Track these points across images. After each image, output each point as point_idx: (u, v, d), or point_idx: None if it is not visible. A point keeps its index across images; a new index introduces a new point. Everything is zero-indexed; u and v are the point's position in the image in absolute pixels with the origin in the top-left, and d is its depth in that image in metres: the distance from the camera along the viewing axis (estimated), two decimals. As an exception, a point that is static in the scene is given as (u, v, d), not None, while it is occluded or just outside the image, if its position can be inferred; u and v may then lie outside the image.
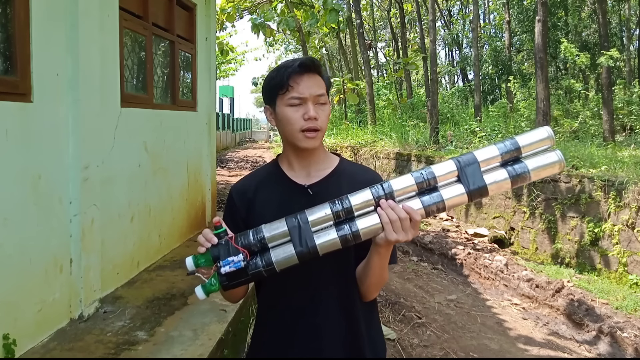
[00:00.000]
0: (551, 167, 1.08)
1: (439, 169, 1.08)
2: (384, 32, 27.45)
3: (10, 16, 2.46)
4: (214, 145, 5.79)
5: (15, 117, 2.45)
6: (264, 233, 1.07)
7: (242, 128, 35.09)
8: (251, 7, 15.06)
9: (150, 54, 4.19)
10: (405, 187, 1.09)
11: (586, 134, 9.55)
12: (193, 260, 1.08)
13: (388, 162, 10.13)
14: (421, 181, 1.08)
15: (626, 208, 5.02)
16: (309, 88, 1.20)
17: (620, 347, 3.82)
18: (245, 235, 1.08)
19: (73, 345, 2.59)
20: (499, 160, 1.08)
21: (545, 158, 1.08)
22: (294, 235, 1.06)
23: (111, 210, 3.38)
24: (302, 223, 1.06)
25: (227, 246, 1.06)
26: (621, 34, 15.54)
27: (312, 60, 1.24)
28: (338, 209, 1.08)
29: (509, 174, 1.07)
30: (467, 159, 1.08)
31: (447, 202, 1.07)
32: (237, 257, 1.03)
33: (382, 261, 1.17)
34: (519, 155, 1.08)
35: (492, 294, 5.11)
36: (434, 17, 11.38)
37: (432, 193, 1.08)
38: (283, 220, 1.08)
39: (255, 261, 1.06)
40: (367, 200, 1.08)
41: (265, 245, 1.07)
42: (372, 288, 1.25)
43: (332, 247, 1.08)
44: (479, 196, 1.08)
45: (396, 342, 3.71)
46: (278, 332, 1.27)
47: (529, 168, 1.07)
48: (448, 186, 1.09)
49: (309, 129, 1.20)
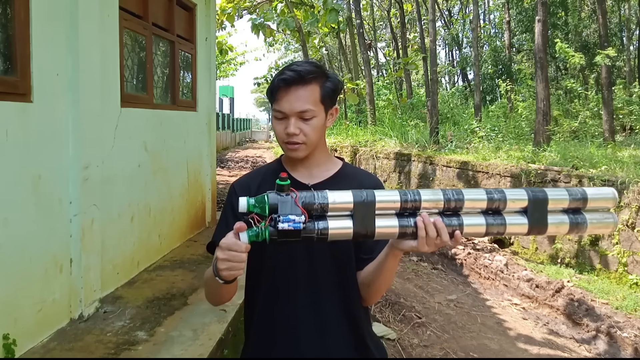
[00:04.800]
0: (605, 227, 1.12)
1: (511, 195, 1.08)
2: (384, 32, 27.45)
3: (10, 16, 2.46)
4: (214, 145, 5.79)
5: (15, 117, 2.45)
6: (329, 201, 1.03)
7: (242, 128, 35.07)
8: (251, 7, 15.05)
9: (150, 54, 4.19)
10: (475, 201, 1.07)
11: (586, 134, 9.54)
12: (247, 201, 1.03)
13: (388, 162, 10.13)
14: (491, 200, 1.07)
15: (626, 208, 5.02)
16: (291, 104, 1.19)
17: (620, 347, 3.82)
18: (308, 196, 1.03)
19: (73, 345, 2.59)
20: (565, 205, 1.09)
21: (603, 217, 1.11)
22: (357, 213, 1.03)
23: (111, 210, 3.38)
24: (368, 202, 1.03)
25: (289, 202, 1.01)
26: (621, 34, 15.55)
27: (299, 73, 1.19)
28: (408, 199, 1.05)
29: (570, 220, 1.09)
30: (540, 196, 1.08)
31: (508, 229, 1.07)
32: (299, 217, 1.00)
33: (396, 265, 1.17)
34: (582, 207, 1.10)
35: (492, 294, 5.10)
36: (434, 17, 11.37)
37: (496, 215, 1.08)
38: (350, 194, 1.04)
39: (310, 224, 1.02)
40: (437, 200, 1.06)
41: (325, 212, 1.04)
42: (379, 292, 1.25)
43: (388, 235, 1.06)
44: (537, 233, 1.10)
45: (396, 342, 3.71)
46: (278, 332, 1.26)
47: (588, 221, 1.09)
48: (512, 214, 1.09)
49: (289, 142, 1.22)
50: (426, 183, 8.61)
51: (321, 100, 1.22)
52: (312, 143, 1.23)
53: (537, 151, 7.15)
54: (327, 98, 1.24)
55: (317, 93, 1.21)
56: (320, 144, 1.28)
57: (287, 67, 1.22)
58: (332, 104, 1.27)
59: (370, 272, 1.22)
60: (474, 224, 1.07)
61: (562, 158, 6.58)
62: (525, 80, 12.81)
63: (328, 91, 1.24)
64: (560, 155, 6.73)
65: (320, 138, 1.26)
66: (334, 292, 1.25)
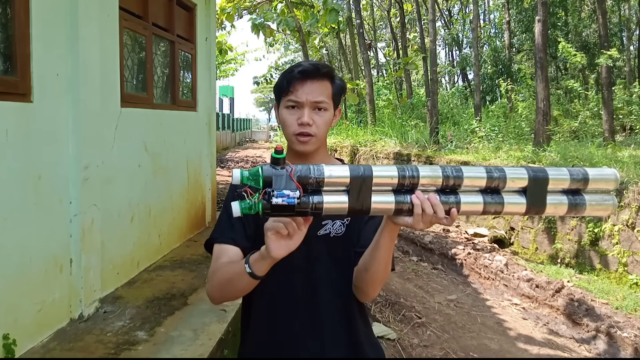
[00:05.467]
0: (604, 209, 1.09)
1: (511, 174, 1.05)
2: (384, 32, 27.44)
3: (10, 16, 2.46)
4: (214, 145, 5.79)
5: (15, 117, 2.45)
6: (325, 175, 1.00)
7: (242, 128, 35.07)
8: (251, 7, 15.05)
9: (150, 54, 4.19)
10: (474, 179, 1.04)
11: (586, 134, 9.54)
12: (241, 173, 1.00)
13: (388, 162, 10.13)
14: (491, 179, 1.04)
15: (626, 208, 5.02)
16: (307, 94, 1.21)
17: (620, 347, 3.82)
18: (304, 170, 1.00)
19: (73, 345, 2.59)
20: (566, 186, 1.07)
21: (603, 199, 1.09)
22: (353, 188, 1.00)
23: (111, 210, 3.38)
24: (365, 176, 1.00)
25: (284, 176, 0.98)
26: (621, 34, 15.53)
27: (316, 66, 1.23)
28: (406, 175, 1.02)
29: (568, 201, 1.07)
30: (540, 176, 1.05)
31: (505, 207, 1.05)
32: (293, 192, 0.96)
33: (392, 243, 1.14)
34: (582, 188, 1.08)
35: (492, 294, 5.11)
36: (434, 17, 11.38)
37: (494, 194, 1.06)
38: (347, 168, 1.01)
39: (304, 199, 0.99)
40: (436, 176, 1.03)
41: (320, 187, 1.01)
42: (376, 277, 1.18)
43: (383, 211, 1.04)
44: (534, 213, 1.07)
45: (396, 342, 3.71)
46: (277, 332, 1.26)
47: (587, 203, 1.07)
48: (510, 193, 1.07)
49: (302, 134, 1.22)
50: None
51: (333, 97, 1.26)
52: (321, 137, 1.25)
53: (537, 151, 7.15)
54: (337, 96, 1.28)
55: (329, 89, 1.25)
56: (323, 143, 1.30)
57: (300, 63, 1.25)
58: (337, 105, 1.30)
59: (367, 254, 1.18)
60: (471, 202, 1.04)
61: (562, 158, 6.59)
62: (525, 80, 12.80)
63: (338, 89, 1.28)
64: (560, 155, 6.73)
65: (326, 135, 1.29)
66: (330, 290, 1.25)
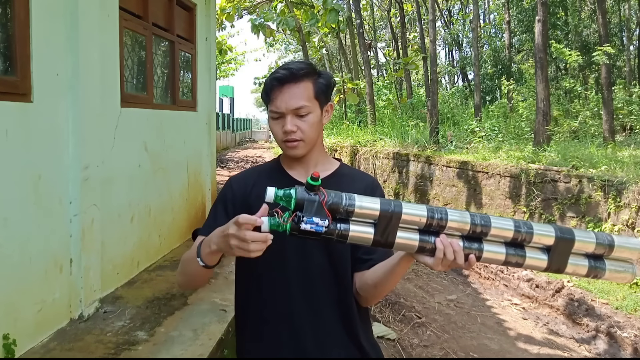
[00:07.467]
0: (623, 278, 1.09)
1: (539, 231, 1.05)
2: (384, 32, 27.44)
3: (10, 16, 2.46)
4: (214, 145, 5.79)
5: (15, 117, 2.45)
6: (355, 206, 1.01)
7: (242, 128, 35.07)
8: (251, 7, 15.06)
9: (150, 54, 4.19)
10: (501, 230, 1.05)
11: (586, 134, 9.54)
12: (275, 193, 1.01)
13: (388, 162, 10.12)
14: (518, 232, 1.05)
15: (626, 208, 5.02)
16: (286, 102, 1.21)
17: (620, 347, 3.82)
18: (336, 199, 1.01)
19: (73, 345, 2.59)
20: (590, 250, 1.07)
21: (623, 266, 1.08)
22: (381, 222, 1.01)
23: (111, 210, 3.38)
24: (394, 214, 1.01)
25: (316, 203, 0.99)
26: (621, 34, 15.53)
27: (291, 71, 1.21)
28: (434, 216, 1.02)
29: (589, 264, 1.07)
30: (567, 237, 1.05)
31: (526, 261, 1.05)
32: (322, 221, 0.98)
33: (406, 270, 1.17)
34: (604, 254, 1.08)
35: (492, 294, 5.11)
36: (434, 17, 11.37)
37: (517, 248, 1.06)
38: (378, 201, 1.02)
39: (332, 226, 1.00)
40: (464, 222, 1.03)
41: (349, 217, 1.02)
42: (382, 293, 1.25)
43: (406, 248, 1.05)
44: (554, 271, 1.07)
45: (396, 342, 3.71)
46: (276, 333, 1.26)
47: (607, 268, 1.07)
48: (534, 249, 1.07)
49: (288, 140, 1.23)
50: (426, 183, 8.61)
51: (315, 96, 1.24)
52: (310, 139, 1.24)
53: (537, 151, 7.14)
54: (321, 94, 1.26)
55: (310, 89, 1.23)
56: (317, 143, 1.29)
57: (279, 68, 1.25)
58: (327, 100, 1.28)
59: (379, 274, 1.20)
60: (493, 251, 1.05)
61: (562, 158, 6.58)
62: (525, 80, 12.80)
63: (321, 87, 1.25)
64: (560, 155, 6.72)
65: (317, 136, 1.27)
66: (326, 287, 1.24)
